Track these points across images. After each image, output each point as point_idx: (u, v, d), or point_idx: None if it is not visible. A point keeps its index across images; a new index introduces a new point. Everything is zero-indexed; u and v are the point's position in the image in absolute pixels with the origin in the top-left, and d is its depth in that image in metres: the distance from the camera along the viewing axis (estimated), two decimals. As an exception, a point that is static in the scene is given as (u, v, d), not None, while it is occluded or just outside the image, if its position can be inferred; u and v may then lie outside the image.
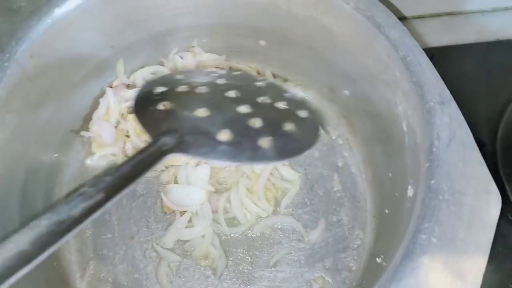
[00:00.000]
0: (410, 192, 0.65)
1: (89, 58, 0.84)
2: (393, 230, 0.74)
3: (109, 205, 0.47)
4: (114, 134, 0.90)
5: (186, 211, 0.85)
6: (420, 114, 0.65)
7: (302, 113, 0.68)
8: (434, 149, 0.61)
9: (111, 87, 0.93)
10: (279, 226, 0.86)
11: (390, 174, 0.79)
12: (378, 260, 0.72)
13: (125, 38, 0.86)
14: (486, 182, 0.59)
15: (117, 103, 0.91)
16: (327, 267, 0.82)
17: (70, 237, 0.44)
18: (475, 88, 1.01)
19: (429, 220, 0.57)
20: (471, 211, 0.57)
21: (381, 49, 0.72)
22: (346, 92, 0.89)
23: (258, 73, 0.99)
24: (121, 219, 0.87)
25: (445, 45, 1.06)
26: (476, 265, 0.54)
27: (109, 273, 0.82)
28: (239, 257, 0.84)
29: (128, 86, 0.95)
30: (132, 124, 0.90)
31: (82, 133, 0.89)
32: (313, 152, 0.92)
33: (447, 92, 0.65)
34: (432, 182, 0.59)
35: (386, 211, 0.79)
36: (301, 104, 0.71)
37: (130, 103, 0.91)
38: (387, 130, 0.78)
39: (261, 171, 0.88)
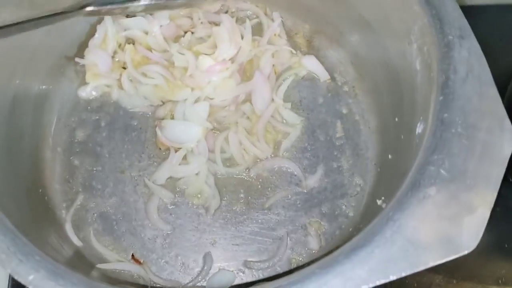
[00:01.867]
0: (419, 129, 0.62)
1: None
2: (396, 173, 0.71)
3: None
4: (111, 64, 0.86)
5: (181, 148, 0.81)
6: (437, 49, 0.61)
7: None
8: (450, 83, 0.58)
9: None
10: (277, 169, 0.83)
11: (396, 119, 0.76)
12: (379, 202, 0.69)
13: None
14: (501, 118, 0.55)
15: (115, 31, 0.86)
16: (323, 212, 0.80)
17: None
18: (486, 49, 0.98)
19: (439, 152, 0.54)
20: (483, 145, 0.54)
21: (399, -18, 0.68)
22: (357, 36, 0.85)
23: (266, 14, 0.94)
24: (112, 152, 0.83)
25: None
26: (485, 199, 0.51)
27: (97, 206, 0.79)
28: (233, 197, 0.81)
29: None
30: (130, 54, 0.85)
31: (77, 59, 0.85)
32: (317, 98, 0.89)
33: (467, 26, 0.61)
34: (445, 115, 0.56)
35: (390, 156, 0.76)
36: None
37: (129, 32, 0.87)
38: (398, 71, 0.74)
39: (261, 113, 0.84)
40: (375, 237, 0.49)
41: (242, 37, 0.87)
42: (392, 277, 0.47)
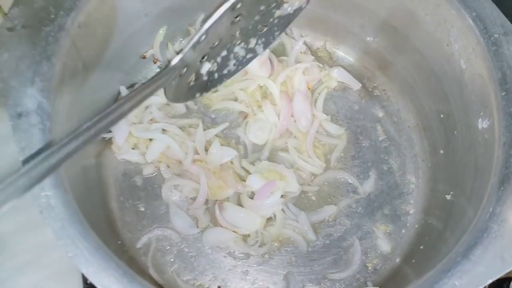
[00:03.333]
0: (483, 124, 0.66)
1: (124, 28, 0.80)
2: (453, 166, 0.76)
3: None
4: (127, 136, 0.84)
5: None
6: (484, 48, 0.66)
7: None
8: (508, 78, 0.62)
9: (144, 57, 0.91)
10: (332, 181, 0.86)
11: (441, 116, 0.80)
12: (448, 197, 0.74)
13: (158, 4, 0.83)
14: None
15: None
16: (386, 214, 0.84)
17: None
18: None
19: (517, 144, 0.58)
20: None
21: (432, -12, 0.73)
22: (382, 42, 0.90)
23: (285, 33, 0.97)
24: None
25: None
26: None
27: (171, 246, 0.80)
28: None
29: (155, 61, 0.92)
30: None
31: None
32: (353, 106, 0.93)
33: (508, 23, 0.66)
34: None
35: (441, 152, 0.81)
36: None
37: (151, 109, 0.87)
38: (436, 71, 0.79)
39: (307, 129, 0.87)
40: (484, 233, 0.53)
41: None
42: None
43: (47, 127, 0.58)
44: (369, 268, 0.80)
